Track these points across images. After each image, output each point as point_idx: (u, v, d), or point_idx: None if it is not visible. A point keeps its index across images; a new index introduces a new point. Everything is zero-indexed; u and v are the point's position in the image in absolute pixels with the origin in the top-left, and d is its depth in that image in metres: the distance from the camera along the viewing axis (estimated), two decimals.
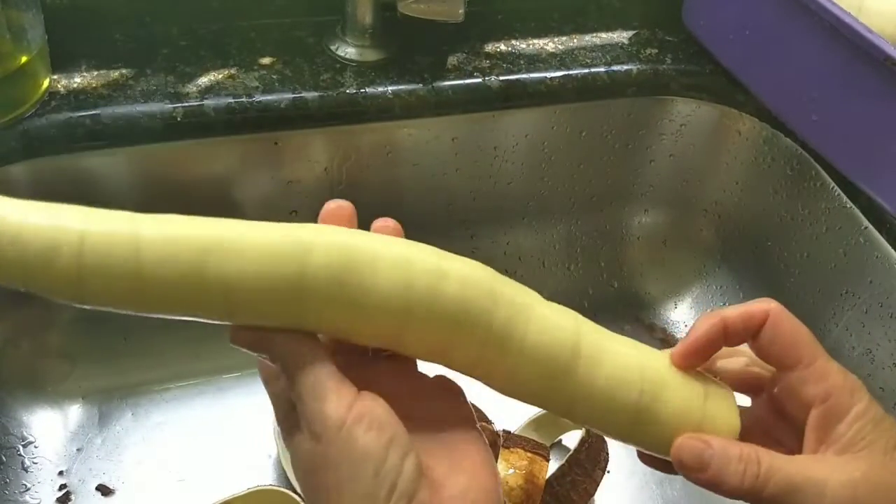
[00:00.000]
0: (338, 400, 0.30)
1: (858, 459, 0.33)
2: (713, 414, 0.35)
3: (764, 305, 0.35)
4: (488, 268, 0.34)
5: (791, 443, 0.36)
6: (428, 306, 0.32)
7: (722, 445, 0.33)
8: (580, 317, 0.35)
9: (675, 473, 0.35)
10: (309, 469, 0.31)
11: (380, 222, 0.38)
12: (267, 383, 0.35)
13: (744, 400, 0.38)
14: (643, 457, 0.38)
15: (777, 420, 0.37)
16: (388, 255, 0.32)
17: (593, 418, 0.35)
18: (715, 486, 0.33)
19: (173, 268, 0.30)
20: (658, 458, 0.36)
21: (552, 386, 0.34)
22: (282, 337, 0.32)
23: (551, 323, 0.34)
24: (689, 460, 0.34)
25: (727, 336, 0.36)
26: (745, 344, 0.37)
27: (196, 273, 0.30)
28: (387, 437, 0.30)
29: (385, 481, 0.29)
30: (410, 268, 0.32)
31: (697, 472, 0.33)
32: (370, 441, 0.30)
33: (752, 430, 0.36)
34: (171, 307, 0.31)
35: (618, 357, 0.35)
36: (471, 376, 0.35)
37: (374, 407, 0.31)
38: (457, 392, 0.37)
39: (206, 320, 0.32)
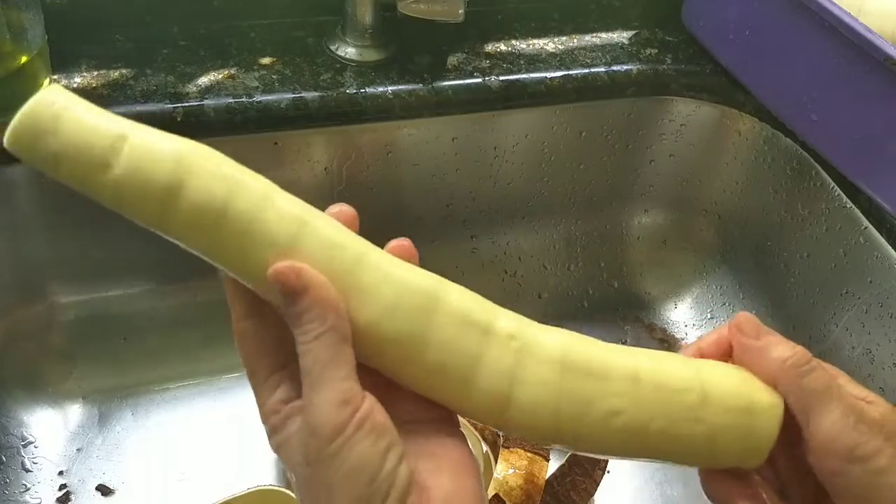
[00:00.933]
0: (347, 398, 0.30)
1: None
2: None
3: (728, 330, 0.37)
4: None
5: None
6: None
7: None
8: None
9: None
10: (302, 461, 0.31)
11: (394, 243, 0.37)
12: (247, 339, 0.33)
13: None
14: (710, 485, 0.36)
15: None
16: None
17: None
18: (759, 357, 0.34)
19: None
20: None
21: None
22: (323, 289, 0.30)
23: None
24: (748, 327, 0.35)
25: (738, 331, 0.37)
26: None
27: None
28: (385, 443, 0.30)
29: (380, 489, 0.29)
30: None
31: (750, 338, 0.35)
32: (368, 447, 0.29)
33: None
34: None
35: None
36: None
37: (375, 411, 0.30)
38: None
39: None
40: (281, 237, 0.30)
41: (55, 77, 0.60)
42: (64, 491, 0.60)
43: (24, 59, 0.55)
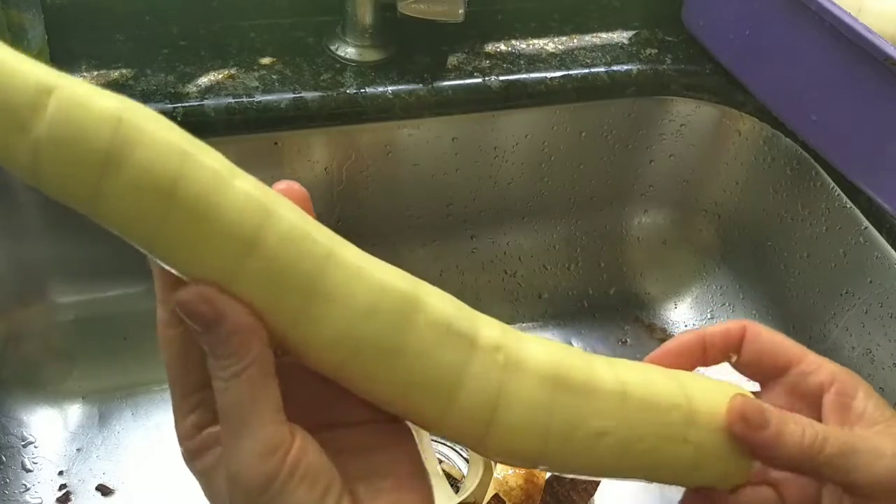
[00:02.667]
0: (274, 444, 0.26)
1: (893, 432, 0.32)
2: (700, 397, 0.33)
3: (739, 322, 0.35)
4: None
5: None
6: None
7: (773, 407, 0.32)
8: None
9: None
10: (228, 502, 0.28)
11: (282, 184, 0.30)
12: (171, 346, 0.28)
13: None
14: None
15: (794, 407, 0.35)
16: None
17: None
18: (773, 446, 0.31)
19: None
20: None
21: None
22: (240, 315, 0.26)
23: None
24: (753, 415, 0.31)
25: (706, 351, 0.35)
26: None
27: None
28: (321, 488, 0.27)
29: None
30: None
31: (758, 429, 0.31)
32: (303, 497, 0.26)
33: None
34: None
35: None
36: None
37: (307, 453, 0.27)
38: None
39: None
40: (242, 228, 0.25)
41: None
42: (64, 491, 0.60)
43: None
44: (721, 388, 0.33)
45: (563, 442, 0.29)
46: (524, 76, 0.67)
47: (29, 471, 0.61)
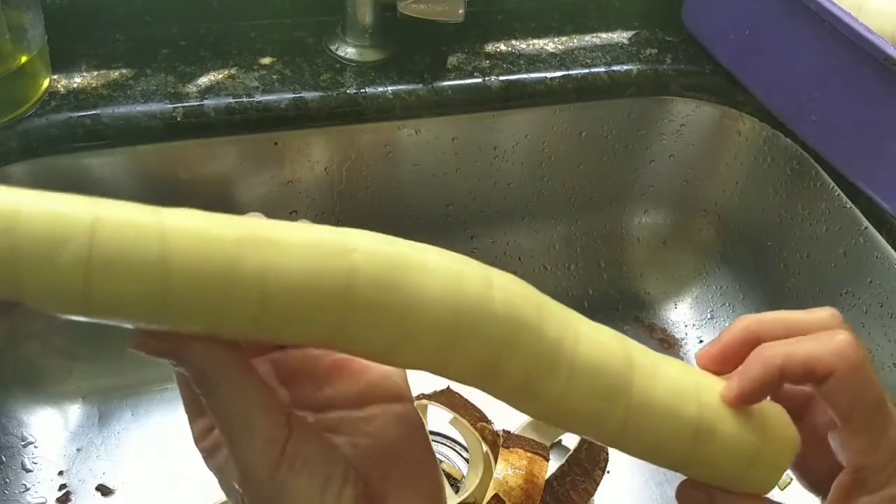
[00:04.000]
0: (268, 441, 0.27)
1: None
2: (773, 427, 0.32)
3: (830, 359, 0.30)
4: (527, 283, 0.31)
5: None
6: (479, 317, 0.28)
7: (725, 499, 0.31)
8: (624, 336, 0.32)
9: None
10: (240, 496, 0.29)
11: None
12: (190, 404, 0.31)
13: None
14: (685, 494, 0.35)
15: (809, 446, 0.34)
16: (438, 260, 0.29)
17: (648, 441, 0.31)
18: None
19: (205, 261, 0.25)
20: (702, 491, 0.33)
21: (606, 406, 0.30)
22: (201, 344, 0.27)
23: (601, 338, 0.31)
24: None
25: (783, 380, 0.32)
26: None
27: (231, 267, 0.26)
28: (321, 477, 0.28)
29: None
30: (461, 275, 0.28)
31: None
32: (304, 488, 0.27)
33: None
34: (191, 311, 0.26)
35: (671, 374, 0.31)
36: (516, 404, 0.30)
37: (305, 445, 0.28)
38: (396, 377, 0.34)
39: (216, 331, 0.27)
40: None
41: (55, 77, 0.60)
42: (64, 491, 0.60)
43: (24, 59, 0.55)
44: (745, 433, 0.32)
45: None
46: (524, 76, 0.67)
47: (29, 471, 0.61)
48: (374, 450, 0.30)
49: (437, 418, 0.64)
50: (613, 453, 0.62)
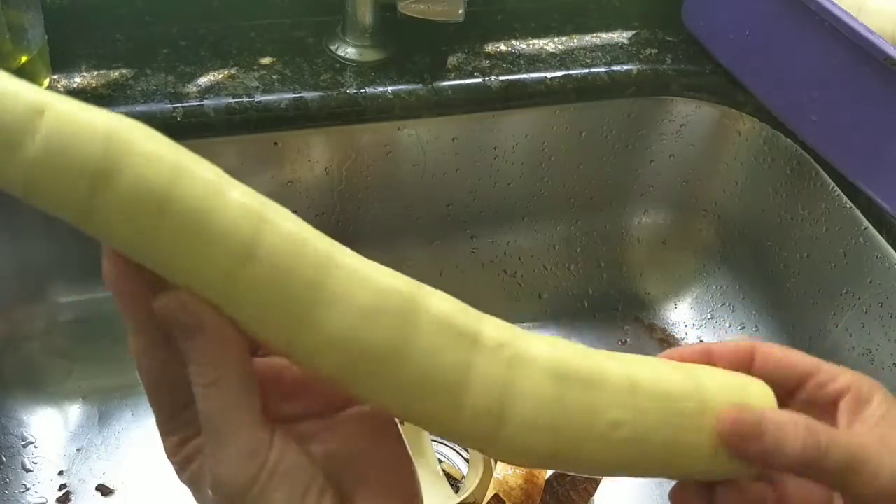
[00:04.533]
0: (254, 448, 0.27)
1: None
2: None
3: (749, 342, 0.34)
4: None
5: None
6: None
7: (773, 411, 0.31)
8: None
9: None
10: None
11: None
12: (152, 373, 0.29)
13: None
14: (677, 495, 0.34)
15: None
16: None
17: None
18: (773, 455, 0.30)
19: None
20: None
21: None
22: (220, 325, 0.26)
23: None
24: (746, 427, 0.30)
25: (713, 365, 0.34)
26: None
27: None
28: (301, 488, 0.27)
29: None
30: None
31: (754, 441, 0.30)
32: (283, 498, 0.27)
33: None
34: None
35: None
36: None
37: (286, 455, 0.27)
38: None
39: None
40: (238, 237, 0.26)
41: (55, 77, 0.60)
42: (64, 491, 0.60)
43: (24, 59, 0.55)
44: (732, 377, 0.33)
45: (576, 436, 0.29)
46: (524, 76, 0.67)
47: (29, 471, 0.61)
48: (346, 454, 0.30)
49: None
50: None
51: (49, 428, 0.64)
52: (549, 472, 0.60)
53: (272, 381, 0.31)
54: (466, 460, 0.64)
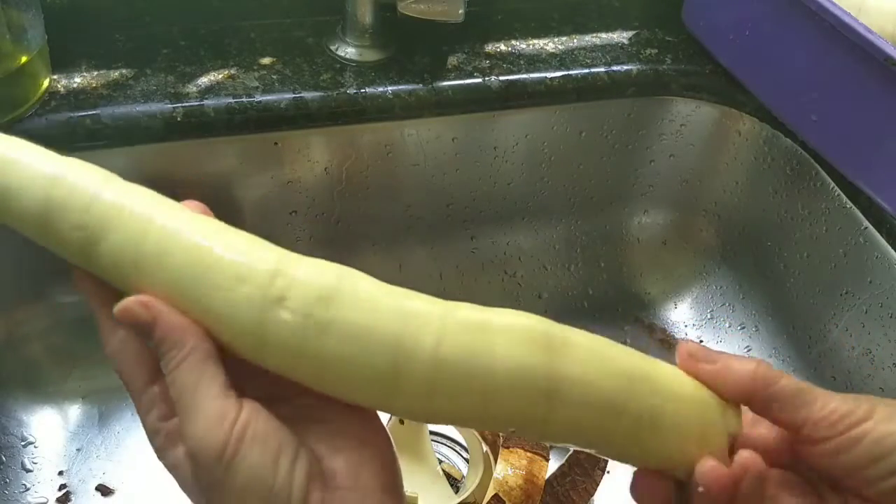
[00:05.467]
0: (221, 414, 0.29)
1: None
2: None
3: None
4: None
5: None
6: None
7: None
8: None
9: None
10: (196, 488, 0.30)
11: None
12: (126, 367, 0.33)
13: None
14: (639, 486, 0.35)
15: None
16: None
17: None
18: (723, 377, 0.32)
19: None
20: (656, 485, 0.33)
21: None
22: (171, 316, 0.30)
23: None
24: (699, 351, 0.33)
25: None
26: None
27: None
28: (273, 449, 0.29)
29: (278, 498, 0.28)
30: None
31: (705, 362, 0.33)
32: (257, 459, 0.28)
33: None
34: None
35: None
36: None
37: (255, 418, 0.29)
38: None
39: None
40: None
41: (55, 77, 0.60)
42: (64, 491, 0.60)
43: (24, 59, 0.55)
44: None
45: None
46: (524, 76, 0.67)
47: (29, 471, 0.61)
48: (324, 427, 0.31)
49: None
50: None
51: (49, 428, 0.64)
52: (549, 473, 0.60)
53: (251, 367, 0.32)
54: (466, 460, 0.64)
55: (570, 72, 0.69)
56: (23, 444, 0.62)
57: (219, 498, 0.28)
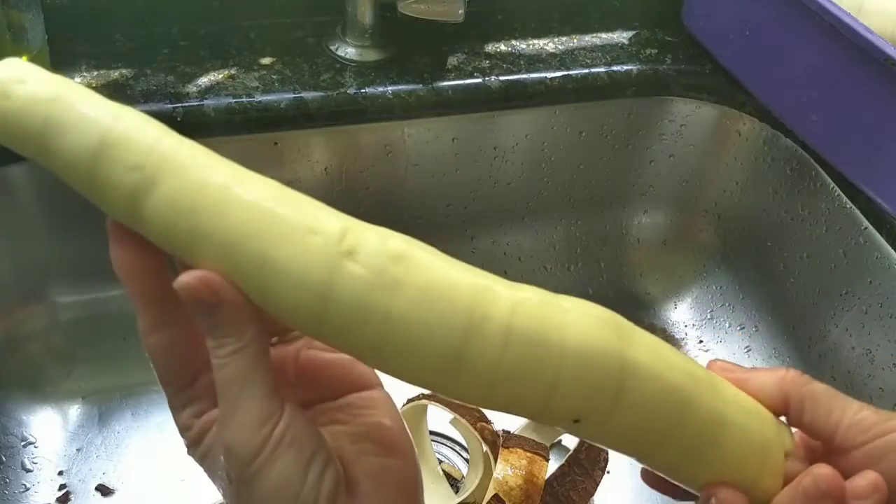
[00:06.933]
0: (265, 417, 0.28)
1: None
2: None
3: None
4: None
5: None
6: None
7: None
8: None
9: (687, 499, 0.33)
10: (224, 476, 0.30)
11: None
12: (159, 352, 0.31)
13: None
14: (649, 478, 0.35)
15: None
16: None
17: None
18: (746, 382, 0.33)
19: None
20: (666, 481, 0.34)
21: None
22: (236, 300, 0.28)
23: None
24: (721, 364, 0.33)
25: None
26: None
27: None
28: (307, 455, 0.28)
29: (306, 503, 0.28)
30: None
31: (730, 372, 0.33)
32: (290, 464, 0.28)
33: None
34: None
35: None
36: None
37: (294, 423, 0.29)
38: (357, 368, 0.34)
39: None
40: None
41: None
42: (64, 491, 0.60)
43: (24, 59, 0.55)
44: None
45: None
46: (524, 76, 0.67)
47: (29, 471, 0.61)
48: (349, 434, 0.32)
49: (437, 418, 0.64)
50: (614, 453, 0.62)
51: (49, 428, 0.64)
52: (549, 473, 0.60)
53: (278, 371, 0.32)
54: (466, 460, 0.64)
55: (570, 72, 0.69)
56: (23, 444, 0.62)
57: (247, 494, 0.28)
